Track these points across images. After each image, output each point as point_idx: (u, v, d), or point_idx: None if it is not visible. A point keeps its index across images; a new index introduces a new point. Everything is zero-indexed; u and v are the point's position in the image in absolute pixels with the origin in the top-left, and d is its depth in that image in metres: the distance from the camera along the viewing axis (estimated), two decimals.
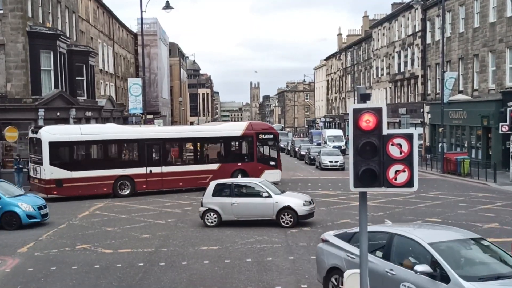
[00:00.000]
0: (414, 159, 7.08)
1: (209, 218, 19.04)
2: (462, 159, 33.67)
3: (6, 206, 19.29)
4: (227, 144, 30.98)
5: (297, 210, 18.62)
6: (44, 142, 25.93)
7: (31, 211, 19.44)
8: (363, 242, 7.68)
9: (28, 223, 19.34)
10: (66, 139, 26.73)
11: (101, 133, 28.12)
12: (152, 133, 29.34)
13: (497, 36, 35.72)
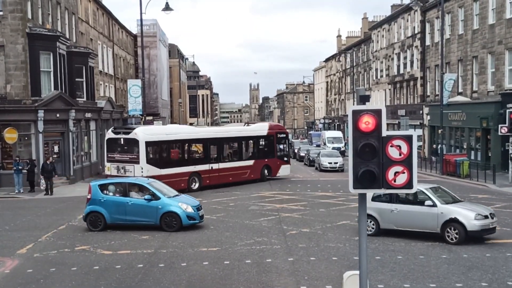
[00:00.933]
0: (414, 161, 7.09)
1: None
2: (461, 160, 33.68)
3: (166, 206, 18.56)
4: (258, 142, 34.90)
5: (465, 224, 15.66)
6: (141, 142, 27.53)
7: (191, 212, 18.65)
8: (363, 242, 7.69)
9: (188, 225, 18.64)
10: (156, 139, 28.61)
11: (178, 133, 30.81)
12: (212, 133, 33.04)
13: (496, 38, 35.76)
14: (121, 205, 18.90)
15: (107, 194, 19.22)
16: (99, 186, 19.51)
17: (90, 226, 18.97)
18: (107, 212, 18.89)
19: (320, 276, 12.94)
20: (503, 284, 12.15)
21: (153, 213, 18.59)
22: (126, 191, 19.23)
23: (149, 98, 62.79)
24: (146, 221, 18.73)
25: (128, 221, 18.90)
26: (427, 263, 13.81)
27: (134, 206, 18.78)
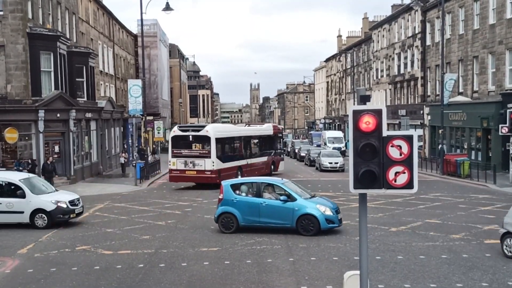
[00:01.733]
0: (414, 161, 7.08)
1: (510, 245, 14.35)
2: (462, 160, 33.67)
3: (303, 208, 17.35)
4: (269, 140, 38.85)
5: None
6: (212, 138, 30.69)
7: (329, 215, 17.42)
8: (363, 242, 7.69)
9: (326, 229, 17.39)
10: (221, 136, 32.00)
11: (231, 131, 35.16)
12: (246, 132, 37.16)
13: (497, 38, 35.75)
14: (254, 206, 17.90)
15: (239, 194, 18.29)
16: (231, 186, 18.53)
17: (222, 227, 18.03)
18: (240, 213, 17.96)
19: (321, 276, 12.94)
20: (503, 284, 12.14)
21: (288, 215, 17.47)
22: (260, 191, 18.22)
23: (150, 98, 62.81)
24: (281, 223, 17.62)
25: (261, 223, 17.85)
26: (428, 263, 13.81)
27: (269, 207, 17.77)
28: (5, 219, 19.43)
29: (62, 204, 19.44)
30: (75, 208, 20.01)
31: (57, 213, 19.26)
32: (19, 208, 19.35)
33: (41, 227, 19.10)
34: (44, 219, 19.24)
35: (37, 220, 19.27)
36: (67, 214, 19.59)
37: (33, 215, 19.25)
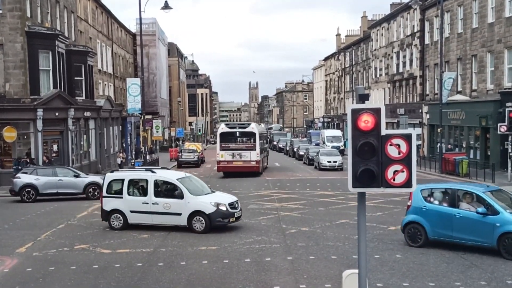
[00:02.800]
0: (413, 159, 7.09)
1: None
2: (460, 159, 33.68)
3: (508, 225, 13.88)
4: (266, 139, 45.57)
5: None
6: (257, 134, 36.76)
7: None
8: (362, 241, 7.69)
9: None
10: (260, 132, 39.31)
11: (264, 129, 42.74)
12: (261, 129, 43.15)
13: (496, 36, 35.76)
14: (446, 217, 14.99)
15: (431, 202, 15.62)
16: (421, 191, 15.86)
17: (409, 240, 15.65)
18: (429, 224, 15.29)
19: (319, 274, 12.94)
20: (502, 282, 12.15)
21: (487, 231, 14.18)
22: (455, 200, 15.23)
23: (148, 96, 62.79)
24: (477, 241, 14.51)
25: (454, 238, 14.93)
26: (426, 262, 13.81)
27: (463, 220, 14.68)
28: (162, 221, 18.39)
29: (222, 207, 17.90)
30: (235, 212, 18.28)
31: (216, 216, 17.79)
32: (177, 209, 18.04)
33: (199, 231, 17.72)
34: (202, 223, 17.82)
35: (195, 223, 17.87)
36: (227, 218, 18.02)
37: (191, 217, 17.90)
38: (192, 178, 19.89)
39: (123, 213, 18.60)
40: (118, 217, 18.66)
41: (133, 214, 18.64)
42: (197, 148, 52.52)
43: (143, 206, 18.39)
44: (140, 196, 18.74)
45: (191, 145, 57.22)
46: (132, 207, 18.63)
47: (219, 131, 38.16)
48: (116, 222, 18.70)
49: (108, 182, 19.11)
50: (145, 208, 18.36)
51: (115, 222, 18.70)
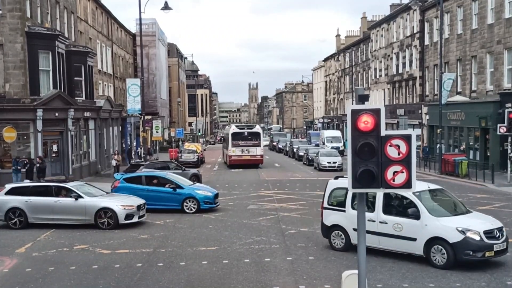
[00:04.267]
0: (412, 160, 7.10)
1: None
2: (460, 160, 33.69)
3: None
4: None
5: None
6: (260, 133, 46.72)
7: None
8: (361, 241, 7.70)
9: None
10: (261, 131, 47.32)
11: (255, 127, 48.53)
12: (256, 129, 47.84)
13: (495, 37, 35.79)
14: None
15: None
16: None
17: None
18: None
19: (319, 275, 12.95)
20: (502, 283, 12.16)
21: None
22: None
23: (148, 97, 62.81)
24: None
25: None
26: (426, 262, 13.81)
27: None
28: (391, 246, 14.25)
29: (473, 236, 13.06)
30: (494, 244, 13.13)
31: (464, 247, 12.99)
32: (411, 232, 13.75)
33: (439, 265, 13.28)
34: (444, 254, 13.23)
35: (434, 254, 13.38)
36: (481, 251, 13.00)
37: (428, 245, 13.46)
38: (440, 191, 15.47)
39: (345, 231, 15.19)
40: (339, 234, 15.37)
41: (356, 233, 14.71)
42: (196, 148, 52.57)
43: (368, 224, 12.57)
44: (366, 210, 16.36)
45: (191, 145, 57.24)
46: (355, 224, 16.05)
47: (231, 131, 45.86)
48: (337, 241, 15.42)
49: (331, 191, 16.19)
50: (370, 226, 13.60)
51: (337, 241, 15.43)
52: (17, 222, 19.36)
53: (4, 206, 19.57)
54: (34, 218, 19.42)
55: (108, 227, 18.82)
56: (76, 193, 19.37)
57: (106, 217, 18.99)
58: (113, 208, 19.00)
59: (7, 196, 19.84)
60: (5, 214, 19.49)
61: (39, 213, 19.42)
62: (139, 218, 19.52)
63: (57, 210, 19.31)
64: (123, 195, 21.07)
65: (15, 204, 19.42)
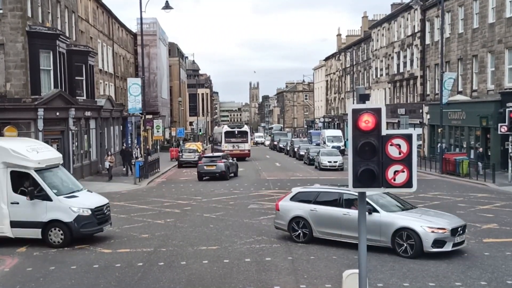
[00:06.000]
0: (413, 160, 7.10)
1: None
2: (461, 159, 33.67)
3: None
4: None
5: None
6: (248, 131, 55.89)
7: None
8: (362, 241, 7.70)
9: None
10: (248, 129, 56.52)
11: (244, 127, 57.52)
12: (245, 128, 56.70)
13: (496, 36, 35.76)
14: None
15: None
16: None
17: None
18: None
19: (320, 274, 12.95)
20: (502, 283, 12.16)
21: None
22: None
23: (149, 96, 62.80)
24: None
25: None
26: (426, 262, 13.81)
27: None
28: None
29: None
30: None
31: None
32: None
33: None
34: None
35: None
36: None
37: None
38: None
39: None
40: None
41: None
42: (197, 148, 52.62)
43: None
44: None
45: (192, 145, 57.32)
46: None
47: (224, 130, 54.35)
48: None
49: None
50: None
51: None
52: (300, 235, 16.19)
53: (288, 214, 16.49)
54: (320, 232, 15.90)
55: (407, 255, 14.21)
56: (371, 205, 14.70)
57: (405, 240, 14.34)
58: (416, 230, 14.23)
59: (291, 203, 16.62)
60: (288, 224, 16.48)
61: (324, 226, 15.82)
62: (453, 247, 14.31)
63: (345, 224, 15.33)
64: (432, 212, 16.08)
65: (299, 213, 16.18)
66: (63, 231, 16.18)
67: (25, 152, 16.73)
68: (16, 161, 16.47)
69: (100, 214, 17.01)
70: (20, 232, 16.41)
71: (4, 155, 16.47)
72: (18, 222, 16.30)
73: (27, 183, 16.50)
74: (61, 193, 16.80)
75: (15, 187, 16.50)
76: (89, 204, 16.79)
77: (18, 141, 19.34)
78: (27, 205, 16.28)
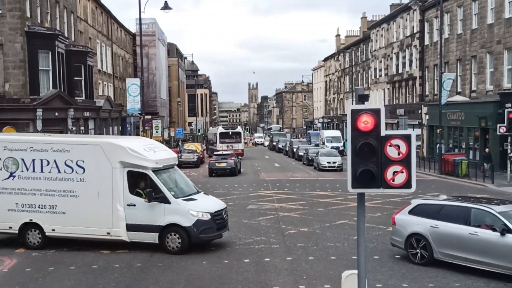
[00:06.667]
0: (412, 160, 7.09)
1: None
2: (460, 160, 33.69)
3: None
4: None
5: None
6: (242, 132, 58.99)
7: None
8: (361, 243, 7.70)
9: None
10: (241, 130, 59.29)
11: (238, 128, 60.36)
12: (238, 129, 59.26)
13: (495, 37, 35.79)
14: None
15: None
16: None
17: None
18: None
19: (319, 275, 12.95)
20: (501, 283, 12.16)
21: None
22: None
23: (148, 97, 62.77)
24: None
25: None
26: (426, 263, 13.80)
27: None
28: None
29: None
30: None
31: None
32: None
33: None
34: None
35: None
36: None
37: None
38: None
39: None
40: None
41: None
42: (196, 148, 52.68)
43: None
44: None
45: (191, 145, 57.56)
46: None
47: (218, 131, 56.28)
48: None
49: None
50: None
51: None
52: (418, 255, 13.70)
53: (405, 230, 14.04)
54: (441, 254, 13.31)
55: None
56: (504, 224, 12.33)
57: None
58: None
59: (410, 217, 14.13)
60: (405, 241, 14.02)
61: (447, 247, 13.20)
62: None
63: (472, 246, 12.70)
64: None
65: (418, 229, 13.69)
66: (180, 236, 15.05)
67: (143, 151, 15.65)
68: (134, 160, 15.38)
69: (220, 219, 15.77)
70: (136, 236, 15.44)
71: (121, 154, 15.45)
72: (134, 225, 15.32)
73: (143, 184, 15.51)
74: (178, 196, 15.62)
75: (131, 188, 15.50)
76: (208, 208, 15.60)
77: (135, 140, 18.20)
78: (144, 207, 15.24)
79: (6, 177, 16.07)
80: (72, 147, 15.76)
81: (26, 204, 15.94)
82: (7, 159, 16.04)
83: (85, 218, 15.56)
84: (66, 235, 15.89)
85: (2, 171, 16.10)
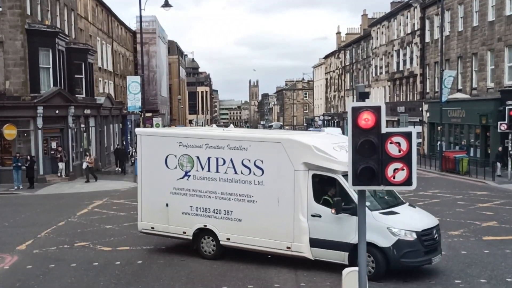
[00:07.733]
0: (413, 158, 7.09)
1: None
2: (460, 157, 33.68)
3: None
4: None
5: None
6: None
7: None
8: (362, 239, 7.70)
9: None
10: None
11: None
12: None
13: (496, 35, 35.75)
14: None
15: None
16: None
17: None
18: None
19: (320, 272, 12.94)
20: (502, 280, 12.16)
21: None
22: None
23: (148, 94, 62.77)
24: None
25: None
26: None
27: None
28: None
29: None
30: None
31: None
32: None
33: None
34: None
35: None
36: None
37: None
38: None
39: None
40: None
41: None
42: None
43: None
44: None
45: None
46: None
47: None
48: None
49: None
50: None
51: None
52: None
53: None
54: None
55: None
56: None
57: None
58: None
59: None
60: None
61: None
62: None
63: None
64: None
65: None
66: (375, 259, 12.05)
67: (332, 151, 12.76)
68: (320, 162, 12.57)
69: (429, 240, 12.30)
70: (321, 254, 12.78)
71: (305, 154, 12.72)
72: (318, 241, 12.67)
73: (333, 191, 12.70)
74: (375, 208, 12.39)
75: (316, 196, 12.79)
76: (414, 225, 12.22)
77: (321, 136, 15.15)
78: (331, 220, 12.42)
79: (181, 177, 14.28)
80: (250, 144, 13.40)
81: (201, 208, 14.08)
82: (182, 156, 14.23)
83: (262, 228, 13.27)
84: (241, 246, 13.80)
85: (177, 169, 14.31)
